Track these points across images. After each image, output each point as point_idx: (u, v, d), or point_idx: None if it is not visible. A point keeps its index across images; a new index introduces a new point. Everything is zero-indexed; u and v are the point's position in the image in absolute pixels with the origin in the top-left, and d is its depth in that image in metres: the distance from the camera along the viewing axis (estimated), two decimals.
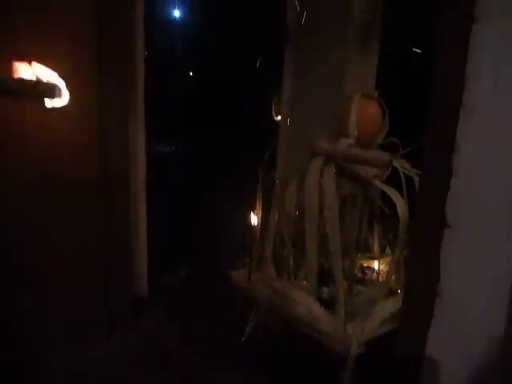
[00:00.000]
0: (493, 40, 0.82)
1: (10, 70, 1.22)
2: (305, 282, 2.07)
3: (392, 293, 1.99)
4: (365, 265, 2.35)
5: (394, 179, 2.00)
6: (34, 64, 1.21)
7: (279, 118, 3.09)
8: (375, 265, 2.32)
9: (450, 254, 0.89)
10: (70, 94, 1.20)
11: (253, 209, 2.26)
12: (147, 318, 2.38)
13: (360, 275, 2.26)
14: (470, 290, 0.93)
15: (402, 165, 1.99)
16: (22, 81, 1.17)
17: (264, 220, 2.24)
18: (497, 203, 0.89)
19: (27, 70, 1.20)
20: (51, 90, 1.13)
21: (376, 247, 2.39)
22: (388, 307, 1.84)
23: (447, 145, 0.84)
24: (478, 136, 0.85)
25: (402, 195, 1.90)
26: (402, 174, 1.96)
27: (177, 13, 6.99)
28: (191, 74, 7.57)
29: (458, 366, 0.94)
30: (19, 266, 1.79)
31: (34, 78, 1.19)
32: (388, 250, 2.36)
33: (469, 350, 0.94)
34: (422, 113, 1.00)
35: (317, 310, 1.88)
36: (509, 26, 0.81)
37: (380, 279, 2.21)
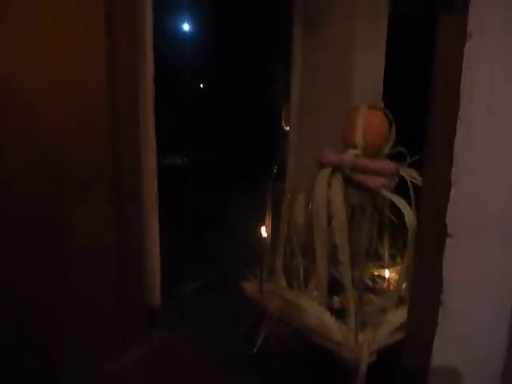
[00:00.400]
0: (487, 55, 0.84)
1: None
2: (315, 292, 2.09)
3: (402, 302, 1.99)
4: (375, 274, 2.36)
5: (402, 188, 2.02)
6: None
7: (288, 127, 3.12)
8: (386, 273, 2.32)
9: (453, 264, 0.91)
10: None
11: (263, 220, 2.29)
12: (161, 328, 2.41)
13: (371, 284, 2.27)
14: (473, 299, 0.94)
15: (409, 174, 2.00)
16: None
17: (274, 231, 2.26)
18: (496, 214, 0.91)
19: None
20: None
21: (386, 256, 2.40)
22: (398, 316, 1.84)
23: (446, 158, 0.87)
24: (476, 149, 0.87)
25: (410, 204, 1.92)
26: (409, 182, 1.97)
27: (186, 26, 7.10)
28: (201, 85, 7.66)
29: (463, 375, 0.95)
30: (32, 276, 1.83)
31: None
32: (399, 259, 2.37)
33: (473, 359, 0.96)
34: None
35: (327, 319, 1.89)
36: (502, 42, 0.84)
37: (391, 288, 2.21)
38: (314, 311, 1.94)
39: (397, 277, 2.18)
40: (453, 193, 0.88)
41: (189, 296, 2.84)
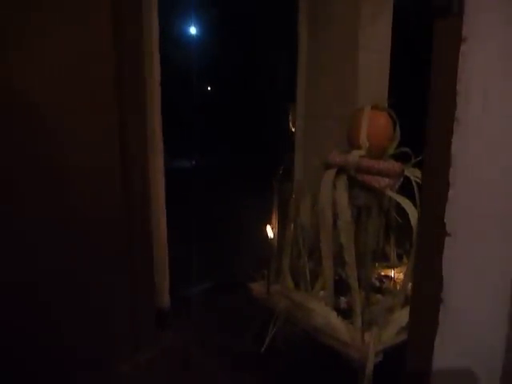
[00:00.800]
0: (481, 57, 0.86)
1: None
2: (322, 293, 2.11)
3: (408, 301, 2.00)
4: (382, 274, 2.37)
5: (407, 188, 2.02)
6: None
7: (294, 129, 3.14)
8: (392, 273, 2.33)
9: (452, 262, 0.92)
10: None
11: (270, 221, 2.31)
12: (170, 329, 2.44)
13: (378, 284, 2.28)
14: (473, 298, 0.96)
15: (413, 174, 2.01)
16: None
17: (281, 232, 2.28)
18: (494, 213, 0.92)
19: None
20: None
21: (393, 256, 2.41)
22: (404, 316, 1.85)
23: (443, 158, 0.88)
24: (473, 149, 0.89)
25: (415, 204, 1.92)
26: (414, 182, 1.98)
27: (192, 28, 7.14)
28: (209, 88, 7.70)
29: (464, 374, 0.96)
30: (43, 276, 1.86)
31: None
32: (405, 259, 2.38)
33: (474, 358, 0.97)
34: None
35: (334, 319, 1.91)
36: (495, 44, 0.86)
37: (398, 288, 2.22)
38: (321, 311, 1.96)
39: (403, 276, 2.19)
40: (451, 193, 0.89)
41: (197, 297, 2.87)
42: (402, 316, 1.88)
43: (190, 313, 2.64)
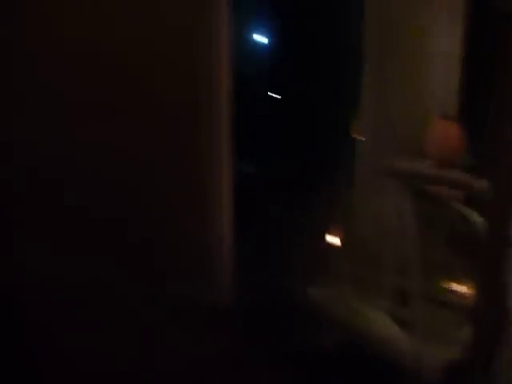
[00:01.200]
0: None
1: None
2: (382, 302, 2.08)
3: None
4: (450, 287, 2.29)
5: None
6: None
7: (358, 137, 3.11)
8: (460, 288, 2.25)
9: None
10: None
11: (332, 228, 2.32)
12: (229, 330, 2.48)
13: (443, 298, 2.21)
14: None
15: (480, 185, 1.93)
16: None
17: (343, 239, 2.29)
18: None
19: None
20: None
21: (460, 269, 2.32)
22: (468, 332, 1.78)
23: (509, 171, 0.87)
24: None
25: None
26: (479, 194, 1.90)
27: (259, 37, 7.26)
28: (273, 95, 7.78)
29: None
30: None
31: None
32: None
33: None
34: None
35: (392, 330, 1.88)
36: None
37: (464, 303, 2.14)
38: (379, 321, 1.94)
39: (470, 291, 2.11)
40: None
41: (257, 298, 2.89)
42: (466, 332, 1.81)
43: (251, 314, 2.68)
